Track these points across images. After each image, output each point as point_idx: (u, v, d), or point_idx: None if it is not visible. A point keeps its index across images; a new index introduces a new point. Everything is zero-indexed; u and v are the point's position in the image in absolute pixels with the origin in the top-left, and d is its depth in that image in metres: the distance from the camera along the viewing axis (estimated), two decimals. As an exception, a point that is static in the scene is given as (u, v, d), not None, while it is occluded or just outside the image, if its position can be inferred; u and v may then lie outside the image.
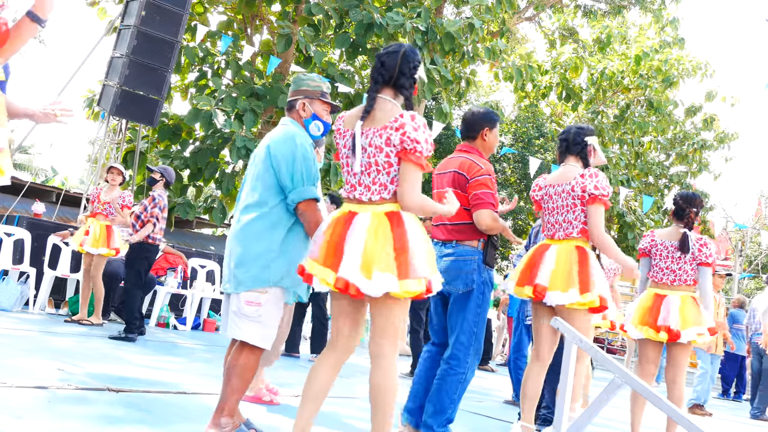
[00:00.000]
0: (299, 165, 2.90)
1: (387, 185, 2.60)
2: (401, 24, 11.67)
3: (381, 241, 2.49)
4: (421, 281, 2.50)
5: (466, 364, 3.45)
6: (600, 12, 19.85)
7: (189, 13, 10.58)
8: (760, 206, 29.35)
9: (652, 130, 20.22)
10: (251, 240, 2.89)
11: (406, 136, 2.54)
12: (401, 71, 2.72)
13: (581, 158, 3.75)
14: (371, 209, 2.58)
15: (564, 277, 3.47)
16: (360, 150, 2.64)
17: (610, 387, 2.24)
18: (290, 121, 3.14)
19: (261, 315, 2.88)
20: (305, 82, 3.19)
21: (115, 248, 7.02)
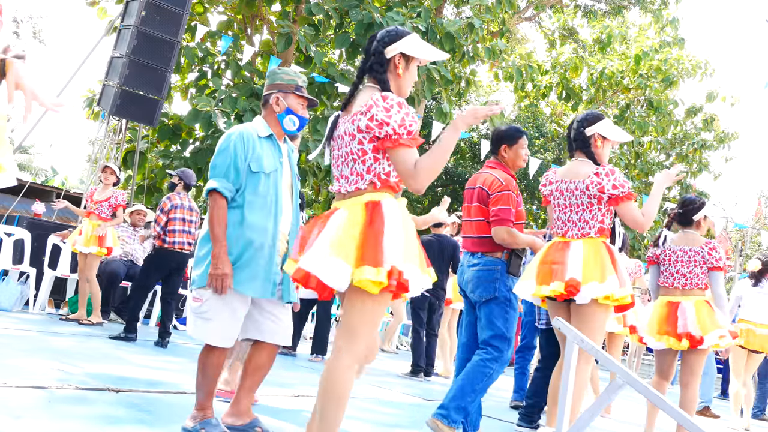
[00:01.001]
0: (214, 159, 2.96)
1: (363, 174, 2.40)
2: (401, 24, 11.67)
3: (348, 229, 2.28)
4: (379, 270, 2.20)
5: (495, 363, 3.52)
6: (600, 12, 19.85)
7: (189, 13, 10.58)
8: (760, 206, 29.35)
9: (652, 130, 20.22)
10: (203, 238, 2.98)
11: (374, 120, 2.34)
12: (371, 53, 2.54)
13: (585, 152, 3.62)
14: (349, 202, 2.39)
15: (599, 269, 3.37)
16: (326, 135, 2.54)
17: (612, 387, 2.24)
18: (258, 118, 3.12)
19: (204, 311, 2.91)
20: (279, 75, 3.13)
21: (108, 247, 7.02)
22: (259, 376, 3.11)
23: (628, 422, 5.98)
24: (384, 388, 5.60)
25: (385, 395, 5.25)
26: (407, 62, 2.54)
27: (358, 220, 2.30)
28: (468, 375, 3.49)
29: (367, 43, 2.60)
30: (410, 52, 2.53)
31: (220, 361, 2.98)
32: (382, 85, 2.49)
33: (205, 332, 2.93)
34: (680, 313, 4.13)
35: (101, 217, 7.08)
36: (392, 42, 2.51)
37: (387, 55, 2.52)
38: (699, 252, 4.23)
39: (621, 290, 3.39)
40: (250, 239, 2.92)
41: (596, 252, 3.44)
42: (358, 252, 2.24)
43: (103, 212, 7.11)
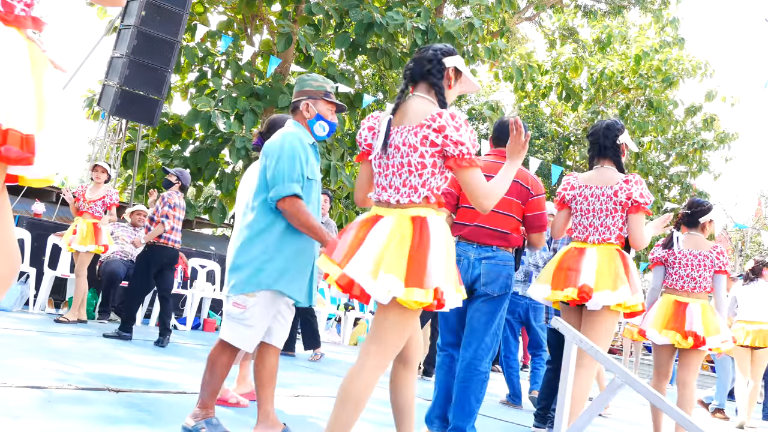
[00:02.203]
0: (282, 163, 2.89)
1: (418, 187, 2.40)
2: (401, 23, 11.67)
3: (397, 244, 2.29)
4: (428, 292, 2.26)
5: (488, 365, 3.52)
6: (600, 12, 19.85)
7: (189, 13, 10.58)
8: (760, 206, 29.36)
9: (652, 130, 20.23)
10: (245, 244, 2.92)
11: (449, 139, 2.35)
12: (428, 60, 2.56)
13: (615, 161, 3.67)
14: (397, 212, 2.39)
15: (612, 277, 3.43)
16: (380, 142, 2.47)
17: (611, 387, 2.24)
18: (293, 123, 3.12)
19: (246, 318, 2.89)
20: (308, 82, 3.15)
21: (104, 245, 7.02)
22: (275, 380, 3.13)
23: (628, 422, 5.99)
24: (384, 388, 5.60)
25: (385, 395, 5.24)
26: (456, 79, 2.61)
27: (406, 235, 2.32)
28: (469, 390, 3.46)
29: (420, 52, 2.63)
30: (464, 71, 2.62)
31: (230, 361, 3.00)
32: (437, 90, 2.52)
33: (243, 338, 2.91)
34: (688, 312, 4.19)
35: (95, 216, 7.07)
36: (449, 55, 2.59)
37: (445, 65, 2.56)
38: (708, 256, 4.32)
39: (633, 298, 3.45)
40: (302, 247, 2.97)
41: (610, 260, 3.50)
42: (408, 271, 2.27)
43: (96, 211, 7.10)
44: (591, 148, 3.76)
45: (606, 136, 3.68)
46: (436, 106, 2.46)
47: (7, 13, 1.66)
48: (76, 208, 7.15)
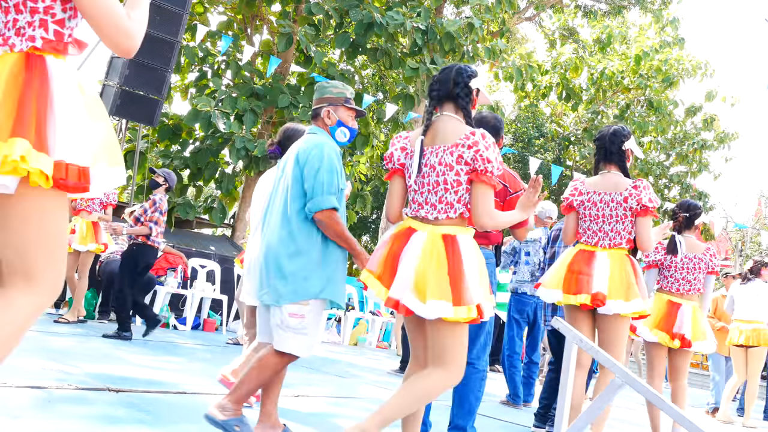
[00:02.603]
0: (321, 176, 2.92)
1: (453, 204, 2.58)
2: (401, 23, 11.67)
3: (435, 265, 2.47)
4: (471, 308, 2.46)
5: (485, 362, 3.56)
6: (600, 12, 19.84)
7: (189, 13, 10.58)
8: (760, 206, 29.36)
9: (652, 130, 20.22)
10: (290, 252, 2.91)
11: (479, 155, 2.52)
12: (455, 82, 2.70)
13: (620, 166, 3.72)
14: (430, 229, 2.57)
15: (625, 287, 3.48)
16: (416, 165, 2.62)
17: (611, 387, 2.24)
18: (318, 130, 3.16)
19: (306, 327, 2.91)
20: (328, 89, 3.20)
21: (104, 243, 7.03)
22: (281, 383, 3.15)
23: (628, 422, 5.99)
24: (384, 388, 5.61)
25: (385, 395, 5.25)
26: (477, 98, 2.79)
27: (441, 255, 2.49)
28: (467, 388, 3.47)
29: (440, 72, 2.78)
30: (482, 90, 2.78)
31: (284, 369, 3.03)
32: (466, 113, 2.70)
33: (301, 347, 2.92)
34: (680, 314, 4.26)
35: (92, 213, 7.08)
36: (474, 77, 2.73)
37: (471, 87, 2.72)
38: (702, 258, 4.40)
39: (645, 304, 3.54)
40: (342, 254, 3.03)
41: (621, 266, 3.54)
42: (453, 292, 2.46)
43: (94, 209, 7.10)
44: (597, 152, 3.80)
45: (612, 141, 3.71)
46: (466, 126, 2.65)
47: (58, 43, 1.78)
48: (73, 207, 7.15)
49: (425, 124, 2.69)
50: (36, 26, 1.75)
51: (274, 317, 2.93)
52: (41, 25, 1.75)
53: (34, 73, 1.72)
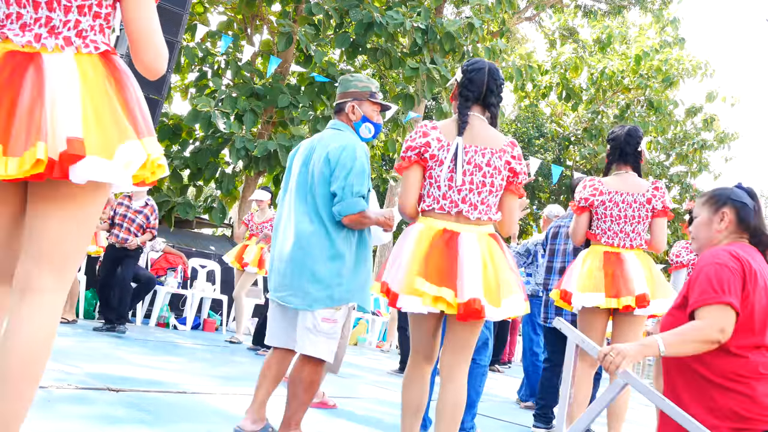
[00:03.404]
0: (351, 178, 2.84)
1: (492, 207, 2.62)
2: (401, 23, 11.67)
3: (497, 265, 2.51)
4: (528, 303, 2.59)
5: (486, 357, 3.58)
6: (600, 12, 19.84)
7: (189, 13, 10.57)
8: (760, 206, 29.34)
9: (652, 130, 20.22)
10: (328, 256, 2.83)
11: (523, 168, 2.64)
12: (489, 88, 2.69)
13: (635, 167, 3.71)
14: (475, 230, 2.56)
15: (664, 286, 3.52)
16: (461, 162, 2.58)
17: (613, 387, 2.24)
18: (342, 126, 3.05)
19: (336, 332, 2.88)
20: (353, 83, 3.08)
21: (102, 246, 7.07)
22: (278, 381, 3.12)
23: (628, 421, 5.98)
24: (384, 388, 5.60)
25: (385, 395, 5.25)
26: None
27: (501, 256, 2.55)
28: (469, 384, 3.47)
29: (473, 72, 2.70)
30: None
31: (321, 374, 2.98)
32: (495, 119, 2.73)
33: (330, 351, 2.89)
34: None
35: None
36: (503, 82, 2.76)
37: (502, 96, 2.76)
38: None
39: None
40: (367, 257, 3.00)
41: (651, 267, 3.56)
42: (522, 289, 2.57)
43: None
44: (611, 152, 3.75)
45: (628, 142, 3.69)
46: (497, 131, 2.70)
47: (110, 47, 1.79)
48: None
49: (463, 122, 2.62)
50: (97, 31, 1.74)
51: (305, 321, 2.85)
52: (101, 31, 1.75)
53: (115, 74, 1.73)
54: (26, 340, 1.66)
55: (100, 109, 1.64)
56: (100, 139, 1.61)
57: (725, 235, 2.40)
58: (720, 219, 2.41)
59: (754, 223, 2.39)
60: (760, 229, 2.39)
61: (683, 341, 2.16)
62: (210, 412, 3.56)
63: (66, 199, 1.68)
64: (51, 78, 1.62)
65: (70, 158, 1.56)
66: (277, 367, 3.02)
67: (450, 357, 2.59)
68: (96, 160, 1.59)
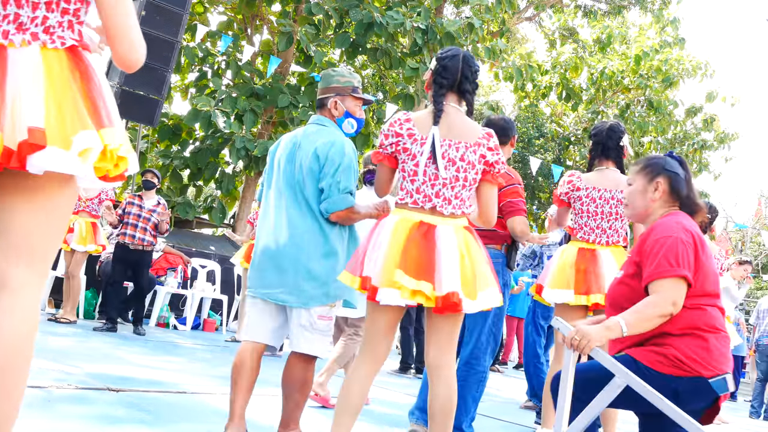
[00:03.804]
0: (339, 175, 2.81)
1: (465, 201, 2.59)
2: (401, 23, 11.66)
3: (473, 258, 2.49)
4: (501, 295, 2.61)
5: (485, 363, 3.53)
6: (600, 12, 19.83)
7: (189, 13, 10.57)
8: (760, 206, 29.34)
9: (652, 130, 20.20)
10: (323, 253, 2.80)
11: (500, 158, 2.60)
12: (464, 75, 2.65)
13: (617, 162, 3.69)
14: (451, 223, 2.53)
15: None
16: (439, 156, 2.53)
17: (611, 387, 2.24)
18: (326, 121, 3.01)
19: (330, 329, 2.88)
20: (335, 78, 3.03)
21: (102, 245, 7.06)
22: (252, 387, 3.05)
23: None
24: (384, 388, 5.60)
25: (385, 395, 5.25)
26: None
27: (477, 249, 2.54)
28: (465, 388, 3.47)
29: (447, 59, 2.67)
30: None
31: (313, 373, 2.96)
32: (470, 108, 2.69)
33: (323, 348, 2.88)
34: None
35: (92, 214, 7.08)
36: (478, 70, 2.72)
37: (477, 83, 2.72)
38: (719, 260, 4.51)
39: None
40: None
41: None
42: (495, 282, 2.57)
43: (93, 209, 7.10)
44: (594, 148, 3.73)
45: (610, 137, 3.67)
46: (473, 122, 2.66)
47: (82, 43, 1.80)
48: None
49: (438, 110, 2.59)
50: (65, 27, 1.75)
51: (299, 319, 2.83)
52: (69, 27, 1.76)
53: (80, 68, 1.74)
54: (7, 338, 1.65)
55: (62, 101, 1.66)
56: (59, 130, 1.62)
57: (660, 204, 2.48)
58: (654, 188, 2.47)
59: (686, 193, 2.47)
60: (691, 198, 2.48)
61: (642, 319, 2.25)
62: (210, 412, 3.56)
63: (34, 192, 1.69)
64: (14, 72, 1.65)
65: (29, 148, 1.58)
66: (248, 374, 2.89)
67: (435, 351, 2.56)
68: (54, 150, 1.60)
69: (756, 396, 8.98)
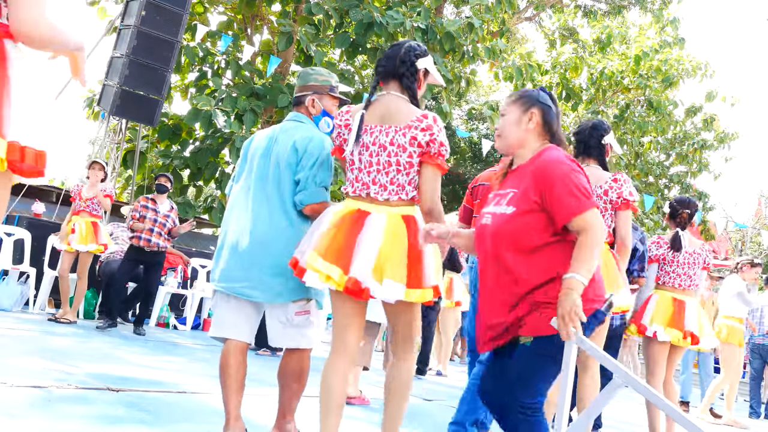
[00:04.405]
0: (316, 170, 2.83)
1: (405, 186, 2.57)
2: (401, 23, 11.66)
3: (396, 247, 2.47)
4: (429, 291, 2.52)
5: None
6: (600, 12, 19.83)
7: (189, 13, 10.57)
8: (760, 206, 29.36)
9: (652, 130, 20.20)
10: (289, 248, 2.76)
11: (433, 137, 2.54)
12: (401, 60, 2.66)
13: (599, 160, 3.72)
14: (386, 210, 2.54)
15: (613, 280, 3.48)
16: (352, 140, 2.58)
17: (611, 387, 2.24)
18: (303, 118, 3.03)
19: (312, 322, 2.89)
20: (313, 76, 3.07)
21: (103, 244, 7.05)
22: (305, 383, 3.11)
23: (628, 422, 5.98)
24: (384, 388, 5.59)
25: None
26: (425, 79, 2.75)
27: (401, 236, 2.49)
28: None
29: (389, 49, 2.73)
30: (431, 70, 2.74)
31: (309, 362, 2.99)
32: (410, 93, 2.67)
33: (312, 339, 2.92)
34: (687, 311, 4.32)
35: (92, 214, 7.07)
36: (422, 57, 2.69)
37: (418, 67, 2.68)
38: (701, 254, 4.47)
39: (628, 299, 3.58)
40: None
41: (606, 261, 3.51)
42: (408, 274, 2.48)
43: (94, 209, 7.09)
44: (576, 146, 3.81)
45: (591, 135, 3.72)
46: (416, 108, 2.63)
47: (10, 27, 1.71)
48: (73, 208, 7.16)
49: (367, 99, 2.65)
50: None
51: (278, 316, 2.85)
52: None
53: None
54: None
55: None
56: None
57: (534, 137, 2.47)
58: (529, 119, 2.46)
59: (555, 128, 2.49)
60: (560, 134, 2.50)
61: (591, 262, 2.21)
62: (210, 412, 3.56)
63: None
64: None
65: None
66: (234, 373, 2.88)
67: (393, 340, 2.70)
68: None
69: (753, 396, 8.98)
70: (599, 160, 3.71)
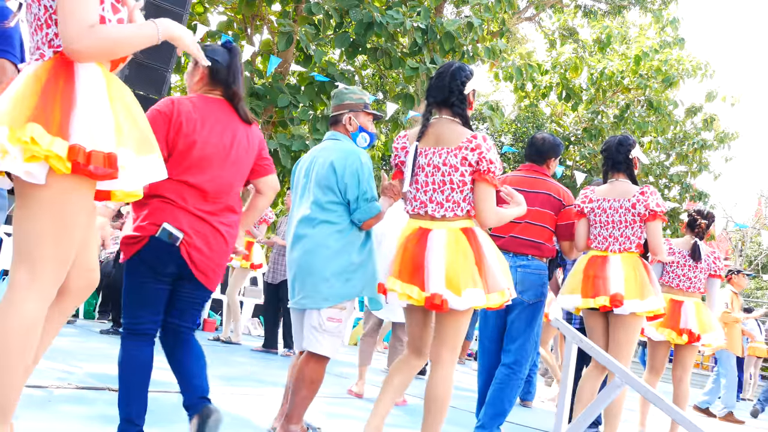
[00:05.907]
0: (363, 185, 3.00)
1: (460, 203, 2.75)
2: (401, 23, 11.67)
3: (462, 257, 2.63)
4: (504, 292, 2.69)
5: (525, 369, 3.69)
6: (600, 12, 19.83)
7: (189, 13, 10.57)
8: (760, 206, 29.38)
9: (652, 130, 20.21)
10: (330, 255, 2.95)
11: (482, 156, 2.70)
12: (450, 90, 2.84)
13: (628, 174, 3.85)
14: (445, 225, 2.72)
15: (640, 287, 3.57)
16: (410, 167, 2.78)
17: (611, 386, 2.24)
18: (340, 136, 3.20)
19: (340, 330, 2.99)
20: (347, 95, 3.25)
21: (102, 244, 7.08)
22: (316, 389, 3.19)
23: (627, 422, 5.99)
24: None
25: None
26: (474, 97, 2.95)
27: (467, 249, 2.66)
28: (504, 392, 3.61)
29: (436, 77, 2.90)
30: (478, 87, 2.95)
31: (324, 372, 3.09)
32: (463, 119, 2.86)
33: (335, 348, 3.02)
34: (683, 310, 4.43)
35: None
36: (469, 80, 2.87)
37: (466, 93, 2.87)
38: (705, 260, 4.58)
39: (660, 303, 3.66)
40: (372, 252, 3.12)
41: (635, 268, 3.63)
42: (484, 280, 2.65)
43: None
44: (605, 162, 3.95)
45: (619, 151, 3.86)
46: (466, 129, 2.82)
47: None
48: None
49: (422, 126, 2.84)
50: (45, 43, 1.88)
51: (311, 320, 2.97)
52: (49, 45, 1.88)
53: (59, 72, 1.80)
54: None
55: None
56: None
57: (201, 87, 2.68)
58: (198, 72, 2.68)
59: (226, 79, 2.63)
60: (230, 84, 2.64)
61: None
62: (210, 411, 3.55)
63: (22, 199, 1.81)
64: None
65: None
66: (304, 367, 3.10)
67: (436, 347, 2.78)
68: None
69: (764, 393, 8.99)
70: (628, 173, 3.85)
